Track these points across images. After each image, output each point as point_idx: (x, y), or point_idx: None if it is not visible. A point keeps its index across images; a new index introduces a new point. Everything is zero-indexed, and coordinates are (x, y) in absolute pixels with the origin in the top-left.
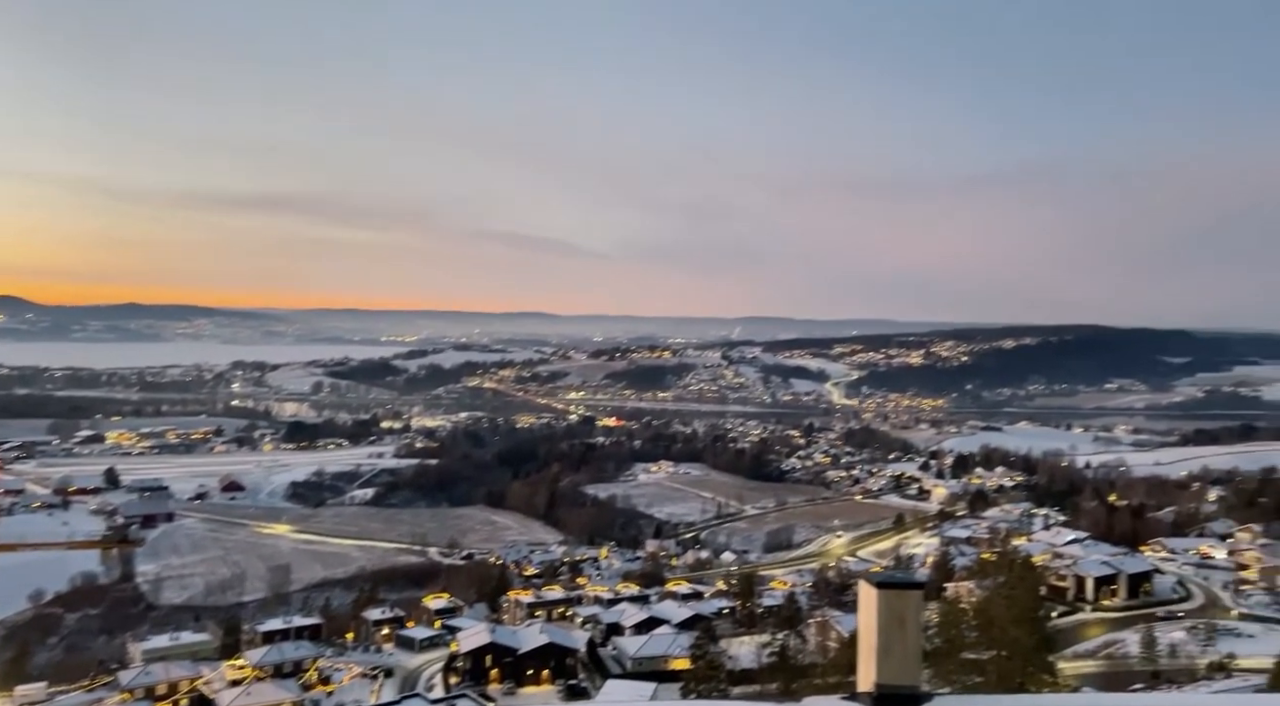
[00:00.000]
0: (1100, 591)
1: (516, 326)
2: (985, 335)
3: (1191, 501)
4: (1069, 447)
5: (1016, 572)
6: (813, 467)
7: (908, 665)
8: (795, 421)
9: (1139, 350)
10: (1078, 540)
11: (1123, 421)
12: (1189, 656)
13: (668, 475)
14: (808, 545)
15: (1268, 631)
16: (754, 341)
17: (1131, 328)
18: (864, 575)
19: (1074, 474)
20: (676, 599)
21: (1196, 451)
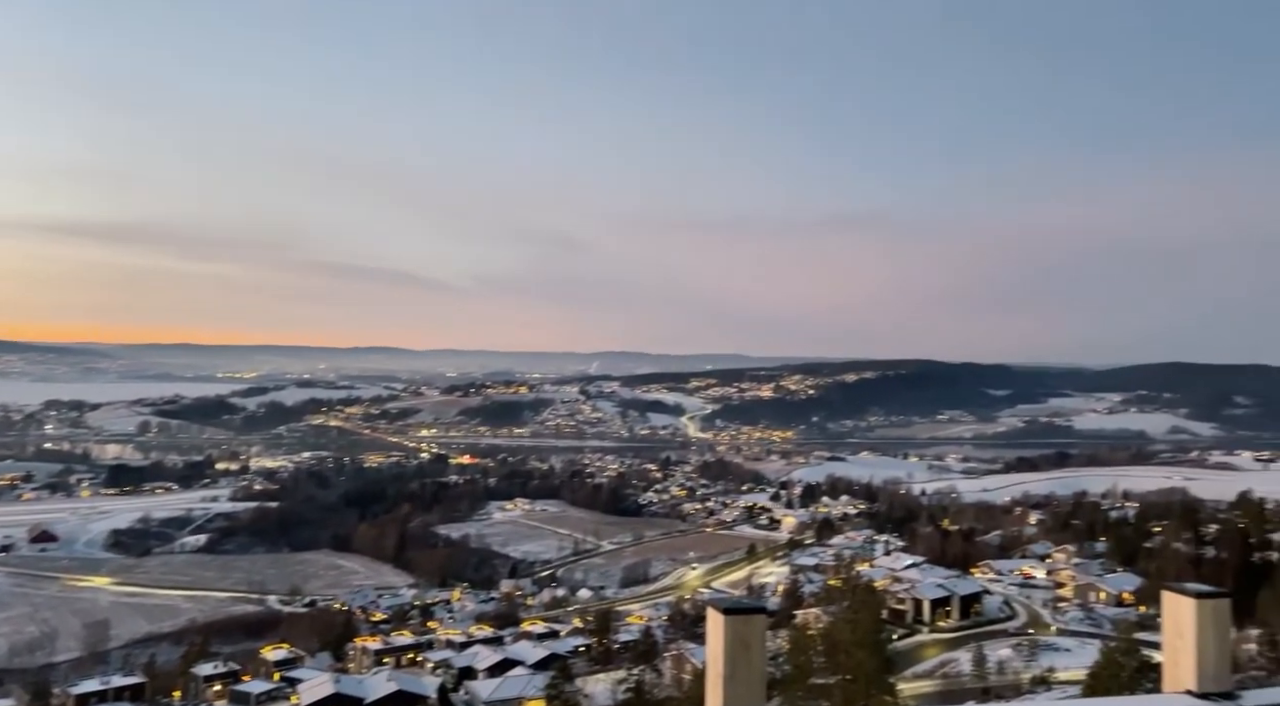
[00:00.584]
0: (936, 613)
1: (365, 362)
2: (830, 369)
3: (1015, 525)
4: (906, 476)
5: (859, 598)
6: (669, 501)
7: (753, 690)
8: (652, 455)
9: (966, 383)
10: (915, 564)
11: (953, 450)
12: (1015, 671)
13: (524, 513)
14: (664, 578)
15: (1082, 645)
16: (612, 376)
17: (960, 362)
18: (711, 602)
19: (911, 501)
20: (532, 639)
21: (1018, 478)
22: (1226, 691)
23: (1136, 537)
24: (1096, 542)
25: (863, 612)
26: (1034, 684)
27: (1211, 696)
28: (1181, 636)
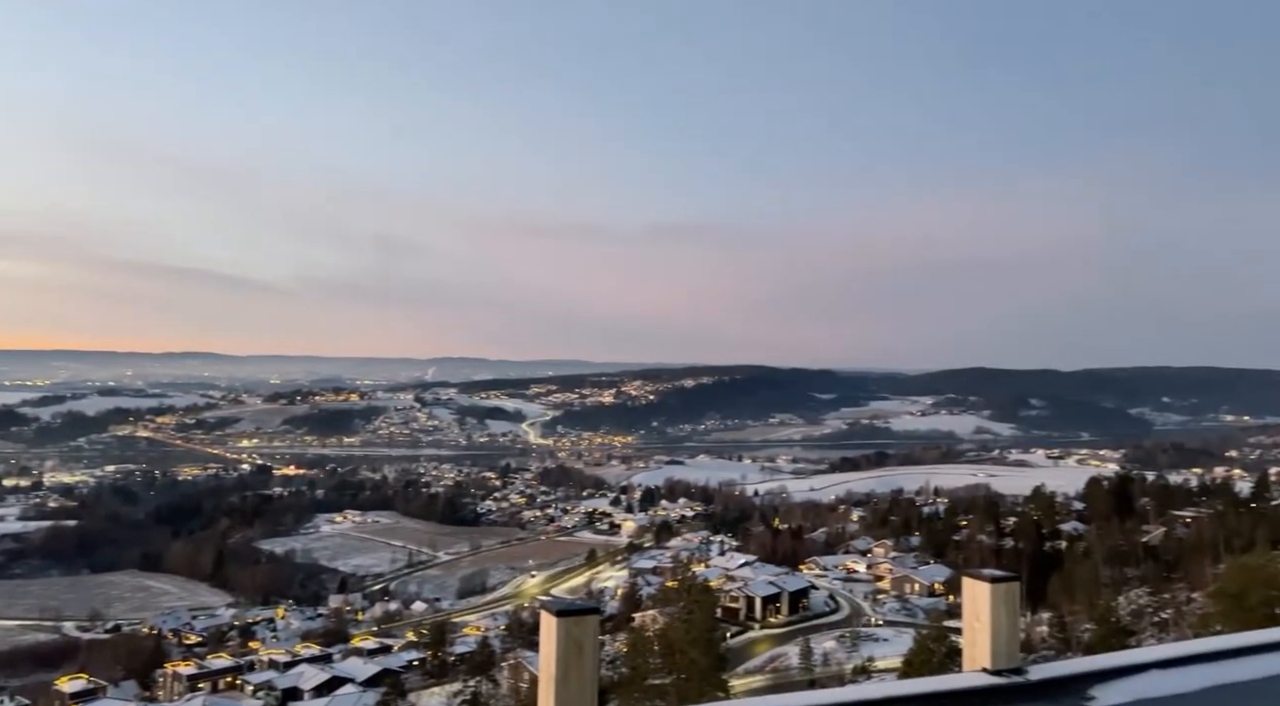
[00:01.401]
0: (767, 609)
1: (179, 368)
2: (670, 375)
3: (839, 522)
4: (741, 477)
5: (694, 598)
6: (509, 509)
7: (585, 690)
8: (491, 463)
9: (796, 388)
10: (748, 563)
11: (784, 452)
12: (838, 662)
13: (354, 525)
14: (503, 587)
15: (898, 634)
16: (449, 382)
17: (790, 367)
18: (544, 605)
19: (745, 501)
20: (363, 655)
21: (842, 477)
22: (1016, 667)
23: (946, 531)
24: (912, 537)
25: (697, 612)
26: (856, 673)
27: (1003, 672)
28: (979, 618)
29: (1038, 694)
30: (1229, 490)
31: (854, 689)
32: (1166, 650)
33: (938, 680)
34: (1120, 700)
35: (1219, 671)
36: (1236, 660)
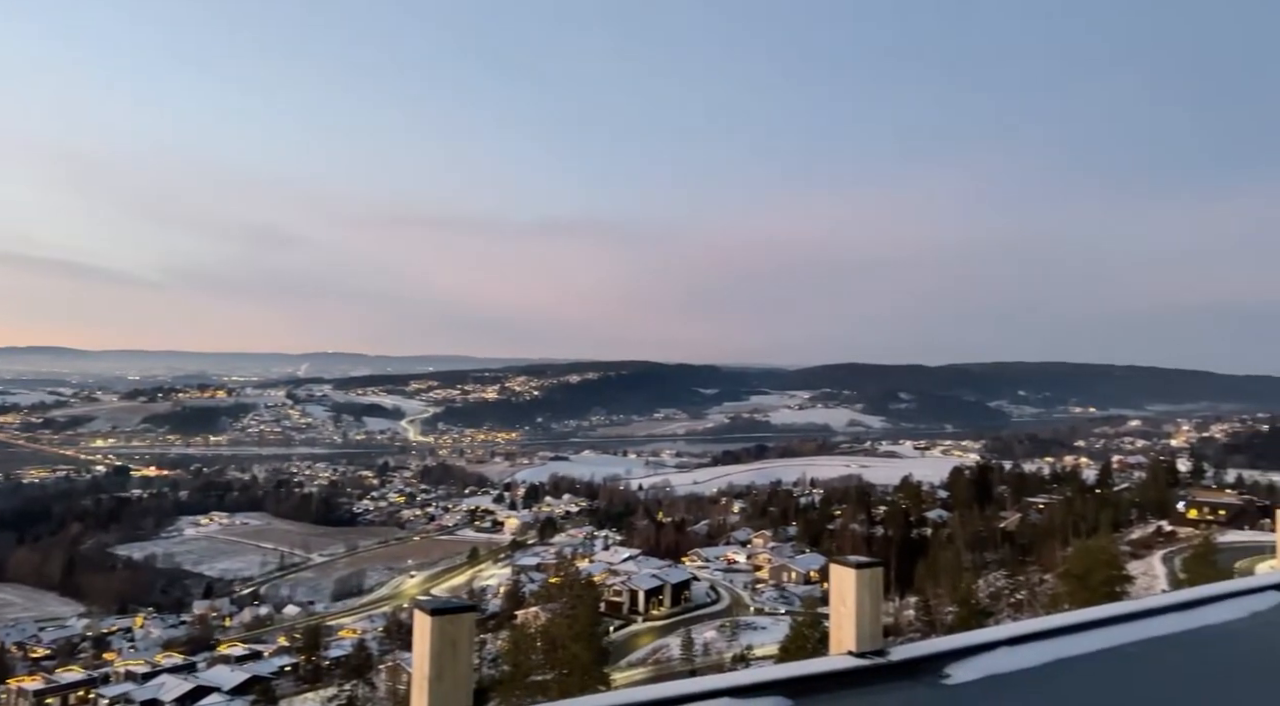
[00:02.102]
0: (650, 602)
1: (24, 363)
2: (555, 370)
3: (721, 514)
4: (625, 472)
5: (577, 593)
6: (387, 508)
7: (460, 689)
8: (369, 461)
9: (680, 383)
10: (632, 557)
11: (668, 446)
12: (718, 652)
13: (221, 527)
14: (380, 588)
15: (775, 622)
16: (324, 378)
17: (675, 363)
18: (417, 604)
19: (630, 496)
20: (230, 662)
21: (724, 470)
22: (879, 649)
23: (821, 521)
24: (789, 527)
25: (580, 607)
26: (735, 661)
27: (867, 654)
28: (845, 603)
29: (898, 673)
30: (1077, 477)
31: (720, 677)
32: (1014, 628)
33: (804, 664)
34: (972, 676)
35: (1060, 646)
36: (1076, 635)
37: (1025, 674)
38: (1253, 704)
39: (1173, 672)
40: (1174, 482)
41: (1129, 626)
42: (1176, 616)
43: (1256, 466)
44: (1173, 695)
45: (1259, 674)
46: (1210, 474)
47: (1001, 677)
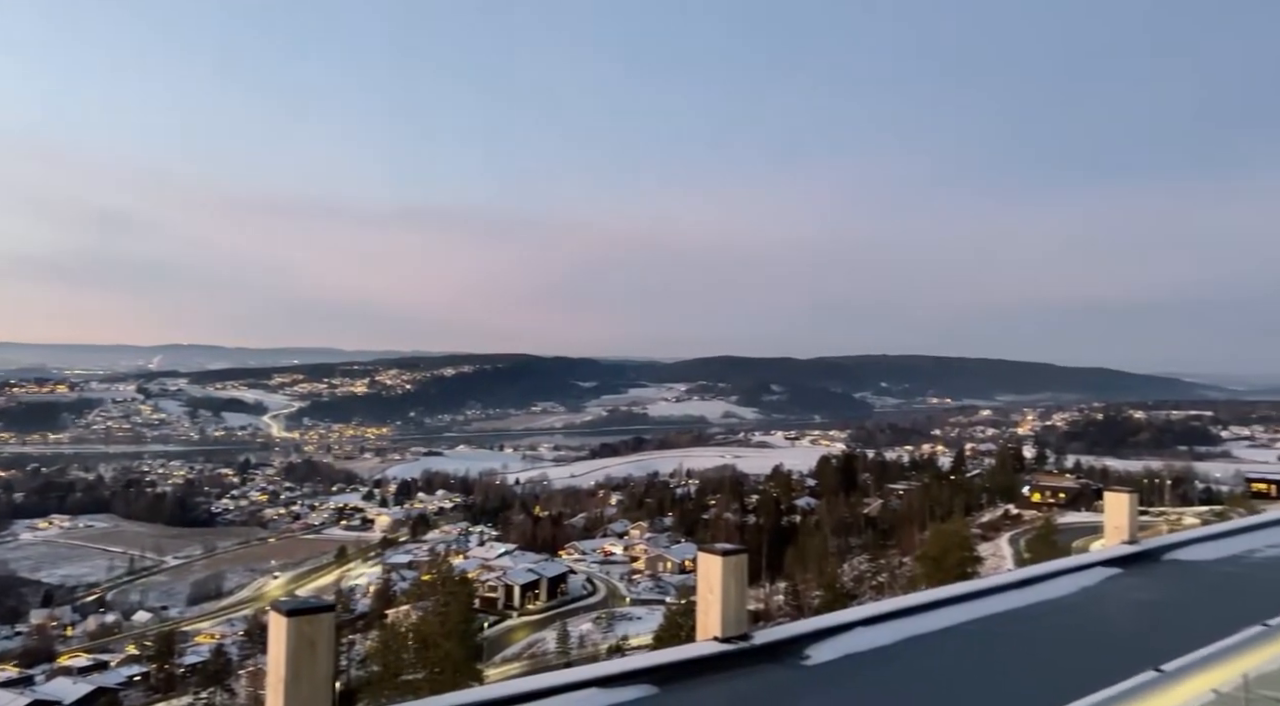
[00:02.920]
0: (525, 597)
1: None
2: (428, 363)
3: (598, 507)
4: (501, 467)
5: (449, 590)
6: (248, 507)
7: (318, 691)
8: (228, 459)
9: (558, 376)
10: (508, 552)
11: (545, 440)
12: (594, 643)
13: (62, 531)
14: (241, 591)
15: (651, 611)
16: (179, 372)
17: (553, 356)
18: (273, 605)
19: (506, 491)
20: (73, 674)
21: (602, 463)
22: (743, 633)
23: (696, 510)
24: (666, 517)
25: (452, 604)
26: (610, 652)
27: (732, 639)
28: (711, 590)
29: (761, 656)
30: (934, 465)
31: (587, 668)
32: (870, 609)
33: (671, 651)
34: (830, 656)
35: (911, 625)
36: (925, 614)
37: (879, 652)
38: (1079, 668)
39: (1011, 644)
40: (1020, 468)
41: (973, 604)
42: (1016, 593)
43: (1092, 452)
44: (1010, 664)
45: (1086, 642)
46: (1052, 460)
47: (857, 656)
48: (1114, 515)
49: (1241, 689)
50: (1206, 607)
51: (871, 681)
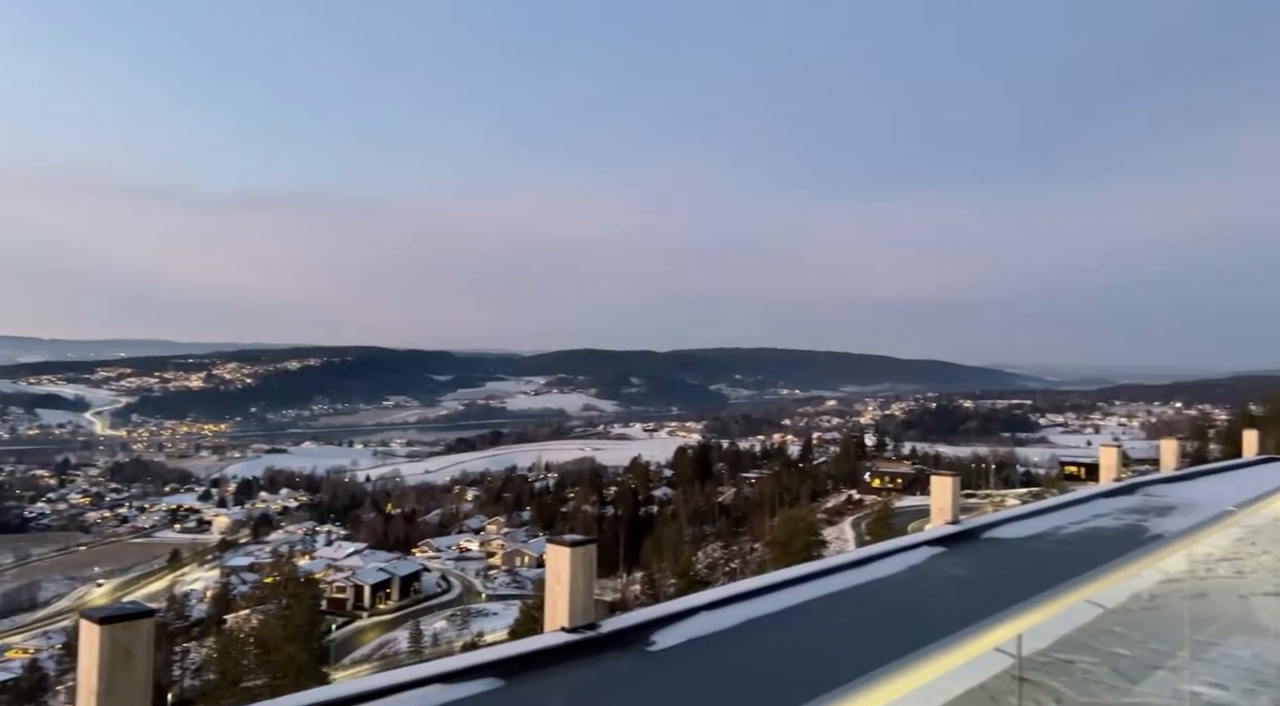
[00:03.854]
0: (376, 596)
1: None
2: (271, 356)
3: (454, 503)
4: (351, 464)
5: (293, 592)
6: (68, 511)
7: (134, 700)
8: (45, 459)
9: (411, 369)
10: (358, 551)
11: (398, 435)
12: (449, 641)
13: None
14: (59, 601)
15: (507, 607)
16: None
17: (405, 349)
18: (83, 613)
19: (356, 488)
20: None
21: (458, 458)
22: (590, 623)
23: (555, 504)
24: (524, 512)
25: (296, 607)
26: (465, 649)
27: (579, 629)
28: (559, 581)
29: (607, 644)
30: (784, 453)
31: (430, 665)
32: (713, 594)
33: (517, 643)
34: (674, 641)
35: (753, 607)
36: (767, 596)
37: (721, 634)
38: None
39: (844, 621)
40: (862, 455)
41: (813, 584)
42: (851, 573)
43: (927, 439)
44: (841, 639)
45: (910, 617)
46: (891, 447)
47: (700, 640)
48: (939, 498)
49: (1014, 645)
50: (1015, 579)
51: (712, 662)
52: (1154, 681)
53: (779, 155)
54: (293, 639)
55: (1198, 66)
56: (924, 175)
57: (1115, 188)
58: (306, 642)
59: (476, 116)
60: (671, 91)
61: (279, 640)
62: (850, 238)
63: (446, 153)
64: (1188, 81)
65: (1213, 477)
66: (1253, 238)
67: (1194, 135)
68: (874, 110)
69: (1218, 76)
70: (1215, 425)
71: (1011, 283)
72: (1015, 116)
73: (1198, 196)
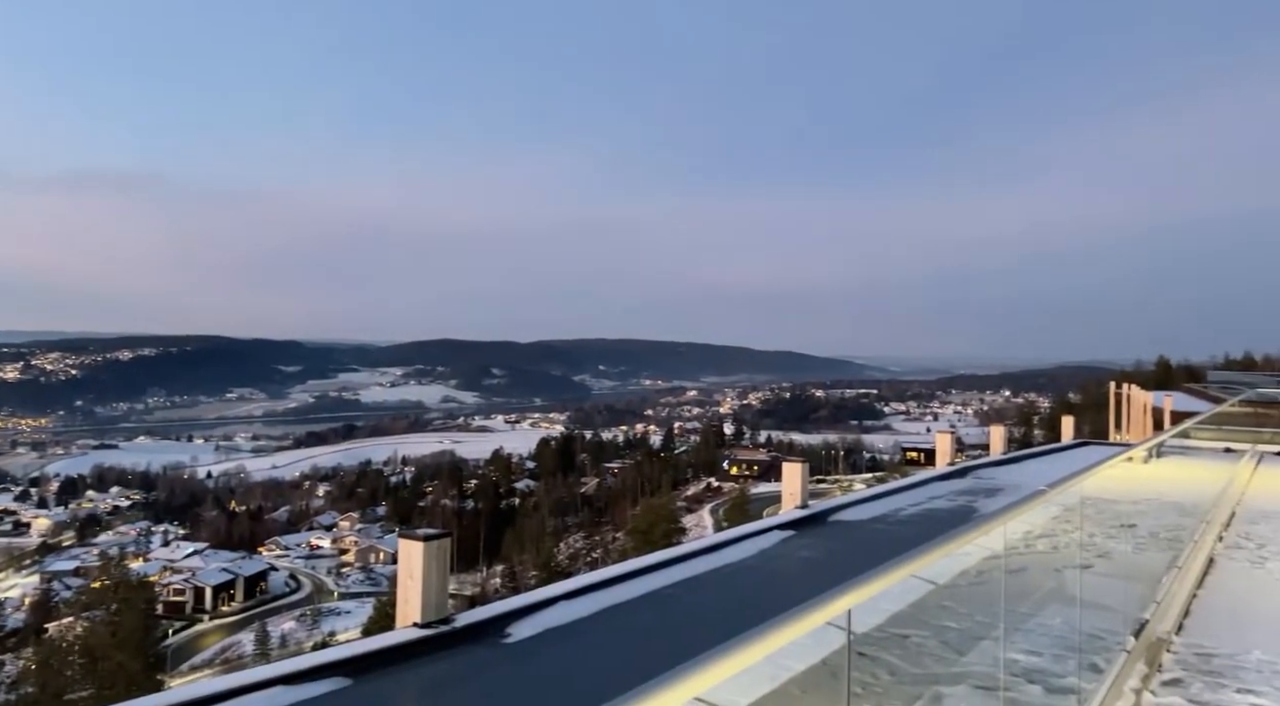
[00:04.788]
0: (219, 598)
1: None
2: (100, 346)
3: (304, 499)
4: (190, 459)
5: (123, 596)
6: None
7: None
8: None
9: (258, 360)
10: (198, 551)
11: (243, 429)
12: (298, 642)
13: None
14: None
15: (361, 604)
16: None
17: (251, 338)
18: None
19: (196, 485)
20: None
21: (308, 452)
22: (445, 618)
23: (412, 498)
24: (379, 507)
25: (126, 612)
26: (316, 650)
27: (433, 624)
28: (413, 576)
29: (462, 638)
30: (646, 443)
31: (274, 666)
32: (571, 583)
33: (366, 641)
34: (531, 632)
35: (612, 595)
36: (626, 583)
37: (579, 623)
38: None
39: (700, 605)
40: (721, 444)
41: (670, 570)
42: (706, 558)
43: (781, 427)
44: (694, 622)
45: (762, 597)
46: (748, 436)
47: (557, 629)
48: (790, 483)
49: (845, 620)
50: (856, 559)
51: (568, 651)
52: (978, 651)
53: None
54: (123, 646)
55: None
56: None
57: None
58: (139, 649)
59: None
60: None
61: (108, 647)
62: (712, 230)
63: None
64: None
65: (1035, 460)
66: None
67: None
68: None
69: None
70: (1039, 412)
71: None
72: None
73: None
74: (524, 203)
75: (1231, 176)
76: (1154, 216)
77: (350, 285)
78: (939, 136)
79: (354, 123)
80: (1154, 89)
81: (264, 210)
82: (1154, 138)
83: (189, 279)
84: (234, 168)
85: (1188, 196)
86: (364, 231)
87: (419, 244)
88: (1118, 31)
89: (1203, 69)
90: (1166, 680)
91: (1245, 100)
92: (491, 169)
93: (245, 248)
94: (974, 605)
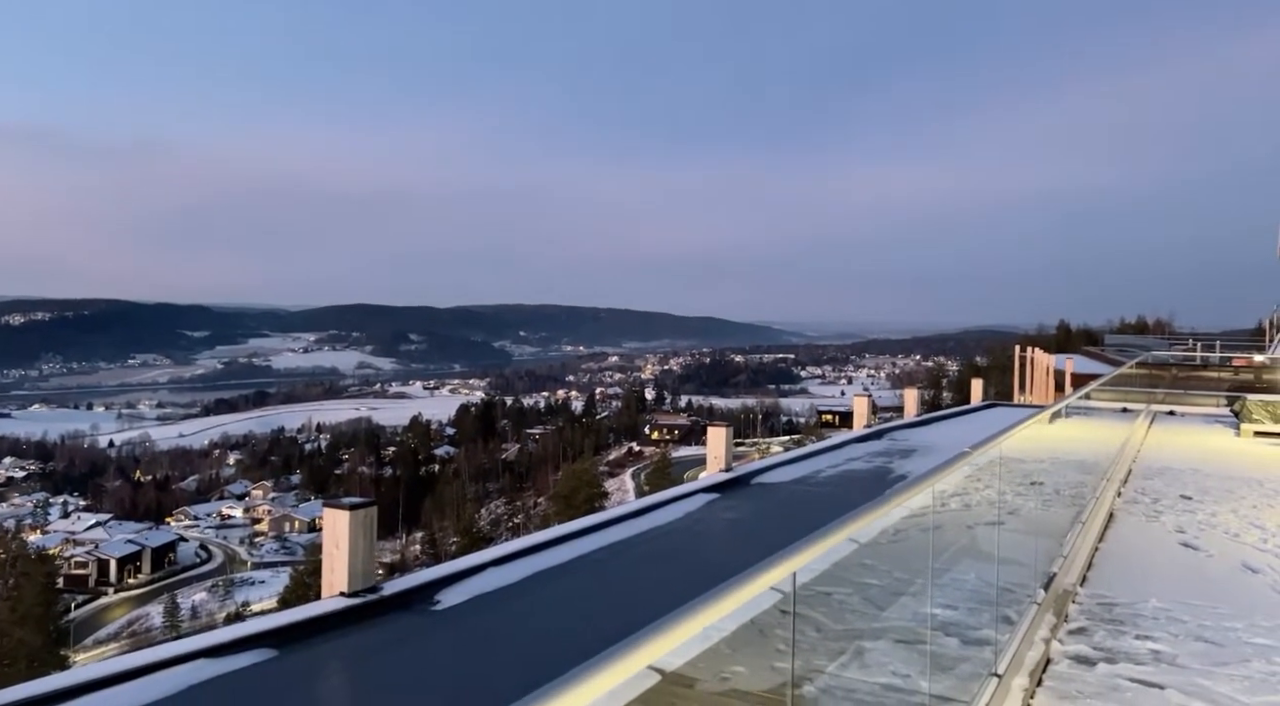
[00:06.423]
0: (124, 571)
1: None
2: None
3: (213, 468)
4: (91, 428)
5: (21, 570)
6: None
7: None
8: None
9: (161, 324)
10: (101, 523)
11: (147, 396)
12: (210, 613)
13: None
14: None
15: (276, 574)
16: None
17: (154, 303)
18: None
19: (97, 455)
20: None
21: (217, 420)
22: (372, 587)
23: (328, 466)
24: (293, 475)
25: (25, 587)
26: (229, 621)
27: (360, 593)
28: (339, 546)
29: (390, 607)
30: (568, 409)
31: (195, 639)
32: (499, 550)
33: (292, 612)
34: (460, 599)
35: (540, 560)
36: (553, 549)
37: (508, 589)
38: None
39: (629, 568)
40: (643, 409)
41: (596, 535)
42: (632, 522)
43: (702, 392)
44: (623, 586)
45: (688, 559)
46: (669, 400)
47: (487, 596)
48: (714, 447)
49: (788, 583)
50: (781, 521)
51: (497, 618)
52: (898, 606)
53: (561, 113)
54: (24, 622)
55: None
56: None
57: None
58: (40, 625)
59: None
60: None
61: (7, 623)
62: (632, 196)
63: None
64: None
65: (948, 422)
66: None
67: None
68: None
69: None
70: (948, 375)
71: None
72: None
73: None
74: (440, 166)
75: (1130, 149)
76: (1055, 184)
77: (261, 248)
78: (849, 104)
79: (267, 81)
80: (1059, 61)
81: (169, 168)
82: (1058, 110)
83: (88, 240)
84: (138, 124)
85: (1089, 168)
86: (275, 193)
87: (333, 206)
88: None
89: (1108, 42)
90: (1073, 628)
91: (1148, 75)
92: (408, 132)
93: (148, 207)
94: (894, 562)
